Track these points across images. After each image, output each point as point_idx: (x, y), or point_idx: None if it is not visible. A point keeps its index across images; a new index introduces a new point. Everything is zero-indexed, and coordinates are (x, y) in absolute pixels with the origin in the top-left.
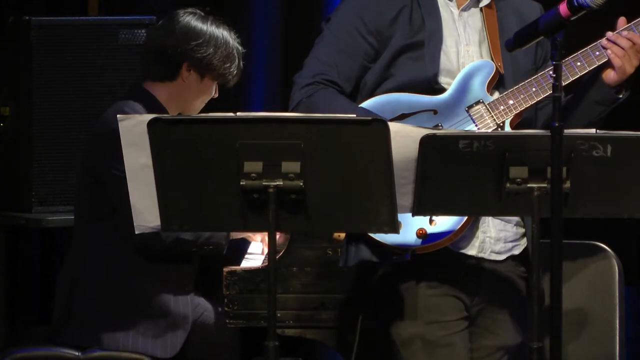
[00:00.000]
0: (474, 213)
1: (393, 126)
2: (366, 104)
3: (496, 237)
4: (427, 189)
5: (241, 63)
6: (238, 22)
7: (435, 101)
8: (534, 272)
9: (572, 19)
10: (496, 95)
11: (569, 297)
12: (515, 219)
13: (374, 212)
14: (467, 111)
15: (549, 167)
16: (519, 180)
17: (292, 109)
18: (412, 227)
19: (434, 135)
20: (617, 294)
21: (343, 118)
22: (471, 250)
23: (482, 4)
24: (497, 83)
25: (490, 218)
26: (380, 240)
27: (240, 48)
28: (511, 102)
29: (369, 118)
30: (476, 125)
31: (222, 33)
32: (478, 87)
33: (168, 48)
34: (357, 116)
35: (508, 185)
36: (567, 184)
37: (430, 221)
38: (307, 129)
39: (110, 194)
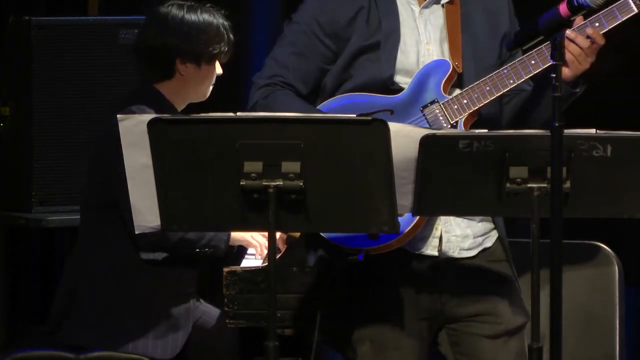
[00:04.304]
0: (474, 213)
1: (393, 126)
2: (324, 105)
3: (463, 235)
4: (427, 189)
5: (231, 36)
6: (238, 22)
7: (392, 101)
8: (534, 272)
9: (572, 18)
10: (456, 94)
11: (569, 297)
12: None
13: (374, 212)
14: (422, 111)
15: (549, 167)
16: (519, 180)
17: (249, 109)
18: None
19: (434, 135)
20: (617, 294)
21: (343, 118)
22: (432, 251)
23: (443, 1)
24: (459, 82)
25: (452, 217)
26: (332, 241)
27: (226, 23)
28: (465, 101)
29: (369, 118)
30: (430, 125)
31: (202, 17)
32: (433, 86)
33: (156, 50)
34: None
35: (508, 185)
36: (567, 184)
37: None
38: (307, 129)
39: (116, 193)
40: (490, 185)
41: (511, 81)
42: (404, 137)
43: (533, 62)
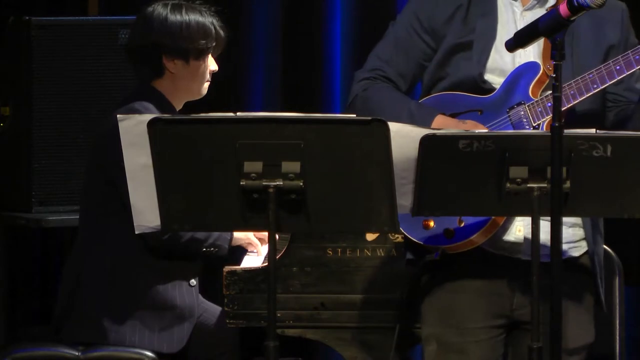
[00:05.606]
0: (474, 213)
1: (393, 126)
2: (421, 102)
3: (546, 239)
4: (427, 189)
5: (220, 31)
6: (238, 22)
7: (482, 101)
8: (534, 272)
9: (572, 19)
10: (541, 97)
11: None
12: (571, 220)
13: (374, 212)
14: (508, 112)
15: (549, 167)
16: (519, 180)
17: (349, 102)
18: (440, 226)
19: (434, 135)
20: (617, 294)
21: (343, 118)
22: (512, 253)
23: (547, 5)
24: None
25: (540, 219)
26: (412, 238)
27: (214, 19)
28: (549, 104)
29: (369, 118)
30: (513, 126)
31: (187, 13)
32: (522, 88)
33: (143, 48)
34: (356, 116)
35: (508, 185)
36: (567, 184)
37: (459, 220)
38: (307, 129)
39: (122, 191)
40: (490, 185)
41: (595, 86)
42: (404, 137)
43: (618, 67)
